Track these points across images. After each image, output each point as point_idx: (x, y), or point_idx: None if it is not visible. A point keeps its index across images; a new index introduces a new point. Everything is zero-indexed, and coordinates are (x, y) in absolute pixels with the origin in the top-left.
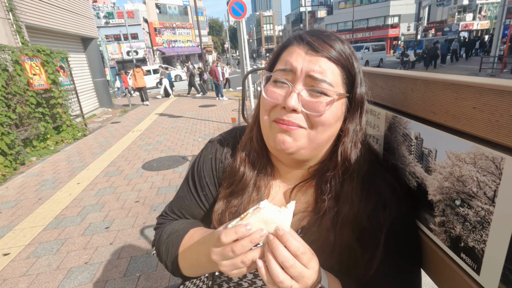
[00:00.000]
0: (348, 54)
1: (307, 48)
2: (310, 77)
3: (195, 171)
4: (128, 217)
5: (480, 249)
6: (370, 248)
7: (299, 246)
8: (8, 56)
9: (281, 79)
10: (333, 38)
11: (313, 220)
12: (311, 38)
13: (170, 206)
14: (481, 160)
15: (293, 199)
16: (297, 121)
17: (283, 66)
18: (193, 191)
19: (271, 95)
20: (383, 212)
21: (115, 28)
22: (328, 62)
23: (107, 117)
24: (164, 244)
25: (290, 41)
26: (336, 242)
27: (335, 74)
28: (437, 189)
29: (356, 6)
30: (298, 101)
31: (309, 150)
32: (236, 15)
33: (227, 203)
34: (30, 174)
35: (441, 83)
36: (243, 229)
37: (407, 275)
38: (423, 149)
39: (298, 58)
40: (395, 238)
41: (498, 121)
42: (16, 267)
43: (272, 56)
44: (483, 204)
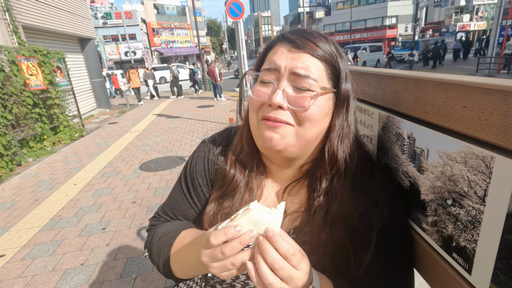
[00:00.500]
0: (332, 51)
1: (289, 46)
2: (294, 74)
3: (188, 172)
4: (125, 218)
5: (471, 248)
6: (362, 247)
7: (288, 247)
8: (5, 57)
9: (266, 78)
10: (315, 35)
11: (305, 220)
12: (293, 36)
13: (162, 208)
14: (472, 159)
15: (286, 199)
16: (283, 117)
17: (268, 65)
18: (185, 192)
19: (258, 94)
20: (375, 212)
21: (113, 28)
22: (311, 58)
23: (104, 118)
24: (156, 246)
25: (274, 41)
26: (328, 241)
27: (319, 69)
28: (429, 188)
29: (354, 7)
30: (283, 98)
31: (297, 147)
32: (234, 15)
33: (218, 205)
34: (27, 175)
35: (432, 82)
36: (233, 231)
37: (399, 275)
38: (416, 148)
39: (282, 56)
40: (387, 237)
41: (488, 120)
42: (12, 268)
43: (258, 57)
44: (474, 204)
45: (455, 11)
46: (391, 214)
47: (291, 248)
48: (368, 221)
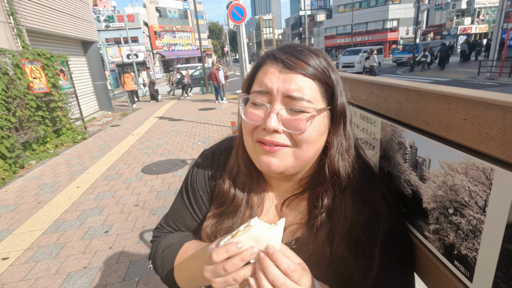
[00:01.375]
0: (324, 66)
1: (280, 66)
2: (287, 97)
3: (189, 183)
4: (128, 221)
5: (472, 257)
6: (365, 259)
7: (289, 264)
8: (9, 60)
9: (259, 101)
10: (306, 52)
11: (307, 234)
12: (283, 55)
13: (165, 219)
14: (472, 170)
15: (286, 211)
16: (280, 140)
17: (259, 88)
18: (187, 204)
19: (251, 117)
20: (377, 223)
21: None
22: (304, 78)
23: (106, 120)
24: (159, 258)
25: (263, 60)
26: (332, 255)
27: (312, 89)
28: (431, 197)
29: (355, 10)
30: (278, 121)
31: (296, 167)
32: (236, 19)
33: (218, 222)
34: (30, 178)
35: (434, 94)
36: (234, 248)
37: (402, 282)
38: (418, 157)
39: (273, 78)
40: (390, 248)
41: (488, 133)
42: (15, 271)
43: (247, 76)
44: (475, 213)
45: (456, 14)
46: (393, 225)
47: (291, 264)
48: (370, 232)
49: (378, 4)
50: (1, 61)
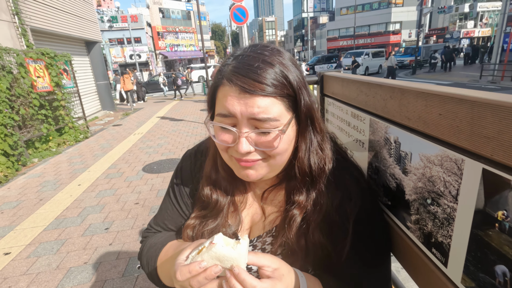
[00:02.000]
0: (282, 77)
1: (238, 90)
2: (253, 120)
3: (175, 182)
4: (128, 219)
5: (447, 243)
6: (340, 238)
7: (255, 284)
8: (13, 59)
9: (225, 126)
10: (261, 67)
11: (282, 225)
12: (239, 80)
13: (154, 219)
14: (447, 162)
15: (266, 202)
16: (254, 157)
17: (222, 111)
18: (174, 202)
19: (222, 139)
20: (349, 203)
21: (119, 32)
22: (265, 99)
23: (109, 120)
24: (145, 257)
25: (220, 80)
26: (308, 244)
27: (276, 106)
28: (412, 189)
29: (358, 13)
30: (248, 144)
31: (273, 172)
32: (238, 20)
33: (200, 225)
34: (32, 175)
35: (414, 91)
36: (197, 268)
37: (376, 258)
38: (401, 152)
39: (234, 103)
40: (362, 226)
41: (459, 126)
42: (17, 266)
43: (209, 94)
44: (449, 202)
45: (459, 17)
46: (364, 205)
47: (258, 284)
48: (343, 213)
49: (381, 7)
50: (6, 60)
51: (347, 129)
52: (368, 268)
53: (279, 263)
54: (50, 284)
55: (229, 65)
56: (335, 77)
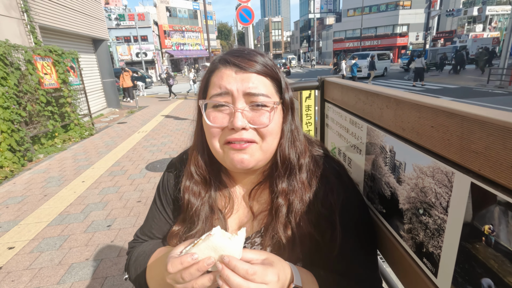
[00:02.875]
0: (272, 64)
1: (235, 68)
2: (248, 94)
3: (161, 190)
4: (130, 217)
5: (437, 254)
6: (328, 230)
7: (246, 268)
8: (21, 56)
9: (221, 103)
10: (254, 54)
11: (270, 219)
12: (236, 59)
13: (141, 229)
14: (438, 173)
15: (253, 202)
16: (248, 136)
17: (217, 91)
18: (161, 210)
19: (215, 121)
20: (332, 196)
21: (126, 30)
22: (258, 76)
23: (114, 117)
24: (133, 267)
25: (215, 65)
26: (295, 235)
27: (267, 85)
28: (406, 198)
29: (365, 14)
30: (243, 119)
31: (264, 160)
32: (244, 21)
33: (185, 230)
34: (37, 171)
35: (408, 102)
36: (189, 259)
37: (365, 251)
38: (396, 161)
39: (230, 80)
40: (348, 218)
41: (449, 139)
42: (20, 260)
43: (201, 83)
44: (439, 213)
45: (467, 20)
46: (347, 197)
47: (250, 268)
48: (328, 205)
49: (388, 9)
50: (14, 57)
51: (346, 135)
52: (357, 259)
53: (266, 254)
54: (52, 280)
55: (219, 56)
56: (335, 83)
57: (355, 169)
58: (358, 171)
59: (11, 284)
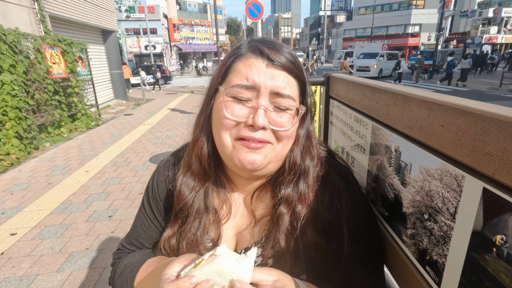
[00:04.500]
0: (299, 63)
1: (266, 61)
2: (275, 94)
3: (150, 196)
4: (131, 208)
5: (441, 263)
6: (334, 237)
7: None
8: (31, 44)
9: (245, 95)
10: (285, 49)
11: (271, 227)
12: (269, 50)
13: (127, 238)
14: (446, 177)
15: (253, 207)
16: (266, 137)
17: (243, 82)
18: (150, 216)
19: (234, 113)
20: (339, 200)
21: (135, 22)
22: (288, 76)
23: (120, 109)
24: (118, 280)
25: (242, 51)
26: (299, 245)
27: (293, 87)
28: (410, 202)
29: (376, 13)
30: (265, 118)
31: (275, 163)
32: (253, 16)
33: (178, 233)
34: (43, 159)
35: (417, 99)
36: (187, 284)
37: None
38: (401, 162)
39: (260, 73)
40: (356, 224)
41: (461, 140)
42: (21, 247)
43: (222, 65)
44: (446, 220)
45: (482, 22)
46: (355, 201)
47: None
48: (335, 210)
49: (400, 8)
50: (24, 45)
51: (350, 133)
52: (364, 270)
53: (277, 274)
54: (52, 267)
55: (250, 42)
56: (341, 79)
57: (358, 169)
58: (361, 171)
59: (12, 270)
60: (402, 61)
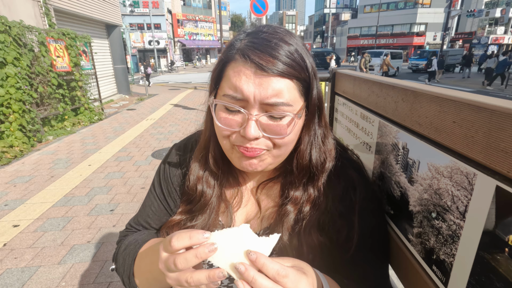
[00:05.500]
0: (299, 56)
1: (254, 68)
2: (265, 104)
3: (162, 177)
4: (133, 202)
5: (449, 262)
6: (344, 229)
7: (278, 268)
8: (35, 37)
9: (234, 107)
10: (280, 45)
11: (276, 222)
12: (256, 55)
13: (135, 218)
14: (457, 174)
15: (261, 197)
16: (260, 146)
17: (232, 92)
18: (160, 198)
19: (226, 122)
20: (354, 191)
21: (139, 17)
22: (281, 80)
23: (123, 104)
24: (121, 256)
25: (232, 55)
26: (302, 244)
27: (290, 90)
28: (417, 200)
29: (382, 11)
30: (258, 128)
31: (275, 163)
32: (258, 12)
33: (187, 220)
34: (46, 152)
35: (427, 95)
36: (200, 236)
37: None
38: (408, 159)
39: (248, 83)
40: (367, 216)
41: (474, 137)
42: (24, 239)
43: (215, 71)
44: (455, 219)
45: (489, 22)
46: (368, 192)
47: (281, 269)
48: (348, 201)
49: (406, 7)
50: (28, 38)
51: (355, 130)
52: (370, 266)
53: (292, 261)
54: (54, 259)
55: (243, 40)
56: (347, 75)
57: None
58: (367, 168)
59: (14, 261)
60: (434, 59)
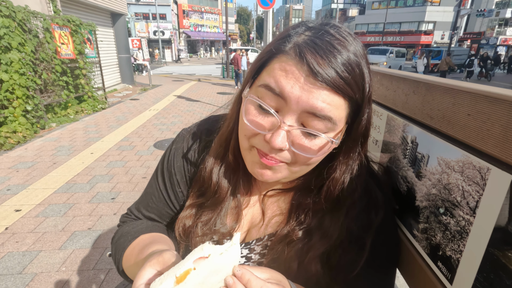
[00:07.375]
0: (360, 74)
1: (307, 71)
2: (308, 114)
3: (165, 166)
4: (134, 191)
5: (456, 259)
6: (352, 250)
7: (261, 285)
8: (40, 23)
9: (267, 108)
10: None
11: (279, 239)
12: (315, 60)
13: (136, 204)
14: (469, 169)
15: (267, 203)
16: (281, 158)
17: (271, 83)
18: (162, 188)
19: (253, 122)
20: (376, 213)
21: (145, 6)
22: (331, 95)
23: (127, 93)
24: (114, 246)
25: (282, 49)
26: (300, 271)
27: (339, 109)
28: (425, 195)
29: (390, 8)
30: (286, 139)
31: (289, 178)
32: (265, 5)
33: (197, 214)
34: (49, 139)
35: (441, 87)
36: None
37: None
38: (417, 153)
39: (295, 85)
40: (381, 239)
41: (489, 130)
42: (25, 223)
43: (257, 62)
44: (465, 214)
45: (499, 22)
46: (387, 213)
47: (264, 285)
48: (364, 222)
49: (415, 4)
50: (33, 24)
51: None
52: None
53: (268, 272)
54: (54, 245)
55: (302, 35)
56: None
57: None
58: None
59: (15, 245)
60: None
